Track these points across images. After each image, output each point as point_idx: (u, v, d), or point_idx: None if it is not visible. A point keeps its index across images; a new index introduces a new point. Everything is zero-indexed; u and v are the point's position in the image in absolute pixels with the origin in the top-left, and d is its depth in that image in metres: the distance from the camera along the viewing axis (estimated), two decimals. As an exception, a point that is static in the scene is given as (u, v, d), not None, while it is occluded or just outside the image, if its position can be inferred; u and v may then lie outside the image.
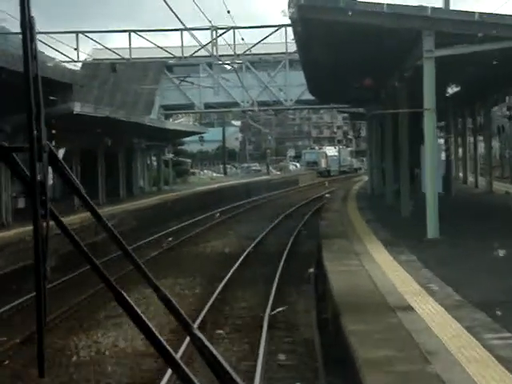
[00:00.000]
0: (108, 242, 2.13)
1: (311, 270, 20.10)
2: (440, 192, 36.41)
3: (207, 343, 1.92)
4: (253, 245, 28.45)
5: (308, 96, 46.48)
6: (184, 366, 1.88)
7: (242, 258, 24.56)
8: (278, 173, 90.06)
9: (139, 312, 1.90)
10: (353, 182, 58.03)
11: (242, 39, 44.33)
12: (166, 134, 41.74)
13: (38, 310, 1.78)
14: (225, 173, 76.56)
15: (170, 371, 10.29)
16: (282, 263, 22.99)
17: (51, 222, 1.78)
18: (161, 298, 1.94)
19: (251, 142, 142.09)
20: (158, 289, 1.94)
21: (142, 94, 46.43)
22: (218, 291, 18.49)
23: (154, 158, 49.41)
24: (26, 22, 1.70)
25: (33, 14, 1.71)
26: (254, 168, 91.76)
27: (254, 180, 65.82)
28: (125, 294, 1.89)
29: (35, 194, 1.73)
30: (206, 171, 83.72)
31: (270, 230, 34.12)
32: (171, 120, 53.22)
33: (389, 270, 14.60)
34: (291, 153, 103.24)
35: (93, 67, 48.67)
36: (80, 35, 43.11)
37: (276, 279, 19.99)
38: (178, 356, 1.91)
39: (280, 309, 16.63)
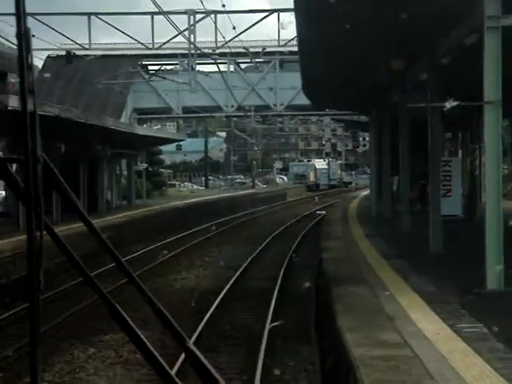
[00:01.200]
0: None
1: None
2: (457, 214, 30.91)
3: (202, 358, 1.93)
4: (233, 279, 22.61)
5: (300, 101, 40.79)
6: (177, 380, 1.90)
7: (218, 301, 18.61)
8: (264, 186, 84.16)
9: (134, 326, 1.90)
10: (347, 199, 52.14)
11: (234, 28, 38.57)
12: (136, 141, 35.75)
13: (32, 322, 1.79)
14: (206, 185, 70.50)
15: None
16: (270, 312, 17.07)
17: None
18: (155, 311, 1.95)
19: (236, 153, 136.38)
20: (153, 302, 1.95)
21: (111, 94, 40.44)
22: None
23: (124, 169, 43.46)
24: (22, 34, 1.71)
25: (28, 25, 1.68)
26: (238, 181, 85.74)
27: (237, 194, 59.93)
28: (119, 308, 1.89)
29: (30, 206, 1.75)
30: (186, 183, 77.63)
31: (255, 256, 28.24)
32: (145, 126, 47.22)
33: (457, 360, 8.70)
34: (278, 165, 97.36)
35: (55, 65, 42.69)
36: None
37: (262, 348, 13.92)
38: (173, 372, 1.91)
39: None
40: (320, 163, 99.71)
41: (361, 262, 16.99)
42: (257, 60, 41.37)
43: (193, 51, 37.56)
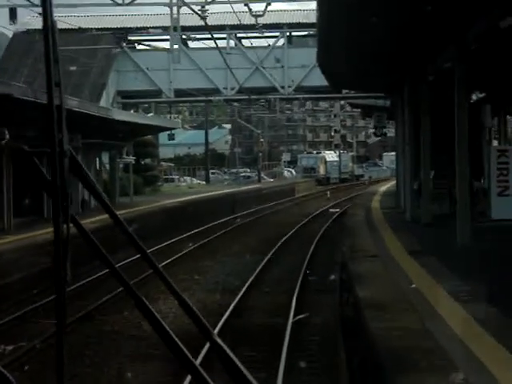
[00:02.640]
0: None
1: None
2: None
3: (228, 351, 1.89)
4: (230, 308, 16.20)
5: (312, 81, 34.18)
6: (204, 373, 1.87)
7: (200, 358, 12.05)
8: (271, 180, 77.50)
9: (159, 318, 1.88)
10: (365, 196, 45.38)
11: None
12: (115, 129, 29.17)
13: (58, 315, 1.79)
14: (207, 180, 63.75)
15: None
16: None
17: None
18: (180, 303, 1.94)
19: (242, 145, 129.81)
20: (178, 294, 1.93)
21: (89, 74, 33.80)
22: None
23: (107, 162, 36.87)
24: (49, 27, 1.70)
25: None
26: (243, 174, 79.01)
27: (241, 190, 53.31)
28: (145, 300, 1.88)
29: (56, 199, 1.75)
30: (186, 178, 70.91)
31: (258, 273, 21.74)
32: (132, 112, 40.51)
33: None
34: (286, 157, 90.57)
35: (26, 40, 36.08)
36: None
37: None
38: (197, 362, 1.90)
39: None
40: (330, 155, 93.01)
41: (426, 311, 10.36)
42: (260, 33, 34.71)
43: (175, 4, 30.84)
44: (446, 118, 27.78)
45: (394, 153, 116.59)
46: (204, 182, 66.35)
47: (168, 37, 36.00)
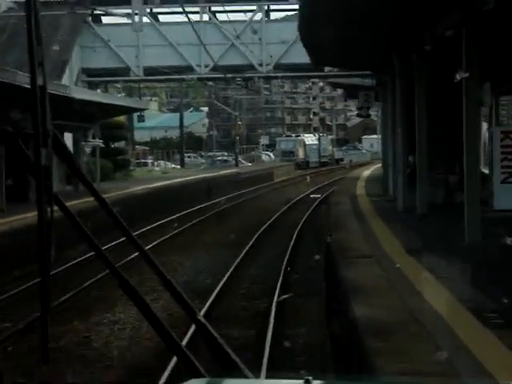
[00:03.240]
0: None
1: None
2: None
3: (212, 331, 1.95)
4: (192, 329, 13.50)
5: (292, 58, 31.47)
6: (188, 353, 1.90)
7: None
8: (249, 164, 74.71)
9: (144, 298, 1.93)
10: (348, 181, 42.72)
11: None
12: (76, 108, 26.23)
13: (42, 295, 1.79)
14: (182, 164, 60.82)
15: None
16: None
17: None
18: (165, 284, 1.97)
19: (220, 128, 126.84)
20: (163, 275, 1.94)
21: (49, 50, 30.78)
22: None
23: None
24: (31, 7, 1.70)
25: None
26: (219, 158, 76.08)
27: (217, 174, 50.50)
28: (129, 280, 1.91)
29: (40, 180, 1.73)
30: (161, 162, 67.89)
31: (233, 270, 19.02)
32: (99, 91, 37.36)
33: None
34: (264, 141, 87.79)
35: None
36: None
37: None
38: (183, 343, 1.97)
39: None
40: (309, 138, 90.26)
41: (447, 339, 7.69)
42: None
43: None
44: (443, 94, 25.18)
45: (374, 136, 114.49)
46: (179, 167, 63.38)
47: (137, 11, 33.18)
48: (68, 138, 32.42)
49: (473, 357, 7.11)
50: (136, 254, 2.16)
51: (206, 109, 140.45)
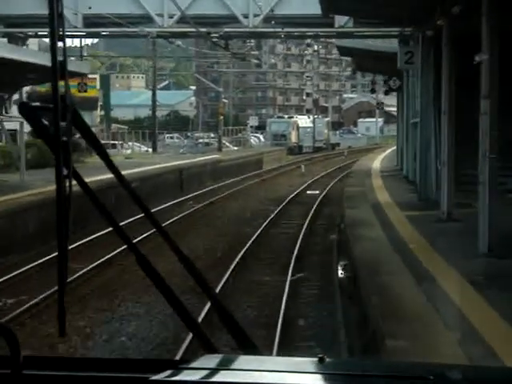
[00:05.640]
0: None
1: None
2: None
3: (226, 307, 1.92)
4: None
5: (289, 7, 21.43)
6: (203, 329, 1.92)
7: None
8: (235, 148, 64.49)
9: (160, 274, 1.87)
10: (355, 176, 32.50)
11: None
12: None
13: (60, 269, 1.75)
14: (154, 148, 50.34)
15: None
16: None
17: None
18: (181, 259, 1.92)
19: (208, 107, 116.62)
20: (179, 251, 1.92)
21: None
22: None
23: None
24: None
25: None
26: (201, 141, 65.64)
27: (193, 162, 40.22)
28: (146, 256, 1.86)
29: (59, 154, 1.70)
30: (134, 144, 57.39)
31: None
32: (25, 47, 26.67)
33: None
34: (253, 122, 77.30)
35: None
36: None
37: None
38: (198, 320, 2.88)
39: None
40: (303, 120, 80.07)
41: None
42: None
43: None
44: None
45: (370, 119, 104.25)
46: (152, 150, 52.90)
47: None
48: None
49: None
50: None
51: (194, 87, 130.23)
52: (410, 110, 26.76)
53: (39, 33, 26.80)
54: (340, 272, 13.67)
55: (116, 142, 52.43)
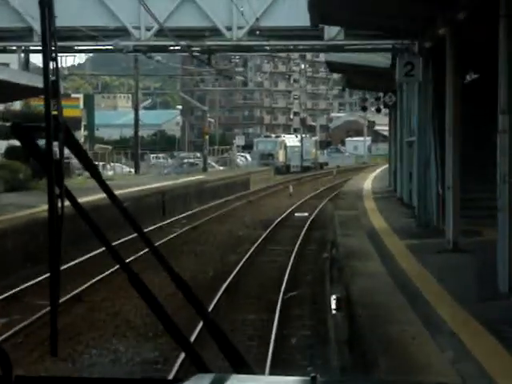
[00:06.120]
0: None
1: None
2: None
3: (221, 328, 1.89)
4: None
5: (276, 19, 19.84)
6: (195, 349, 1.91)
7: None
8: (221, 168, 62.73)
9: (153, 294, 1.85)
10: (347, 196, 30.74)
11: None
12: None
13: (52, 288, 1.72)
14: (136, 169, 48.40)
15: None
16: None
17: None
18: (175, 280, 1.88)
19: (195, 127, 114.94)
20: (173, 271, 1.87)
21: None
22: None
23: None
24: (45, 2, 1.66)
25: None
26: (186, 161, 63.79)
27: (175, 184, 38.38)
28: (139, 276, 1.84)
29: (51, 173, 1.69)
30: (121, 164, 55.52)
31: None
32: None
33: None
34: (239, 141, 75.45)
35: None
36: None
37: None
38: (191, 339, 2.84)
39: None
40: (291, 140, 78.39)
41: None
42: None
43: None
44: None
45: (358, 138, 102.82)
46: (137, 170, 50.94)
47: None
48: None
49: None
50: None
51: (180, 107, 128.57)
52: (404, 127, 25.13)
53: (8, 47, 24.95)
54: (335, 319, 11.89)
55: (96, 163, 50.41)
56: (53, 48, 1.67)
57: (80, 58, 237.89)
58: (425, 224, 17.82)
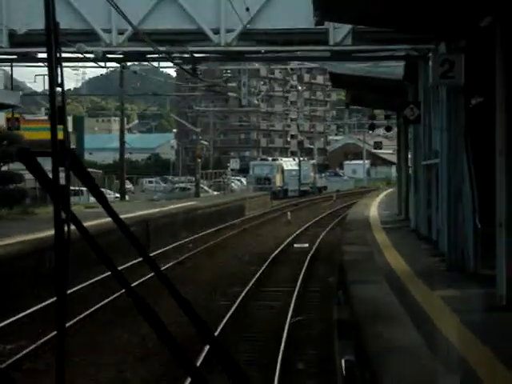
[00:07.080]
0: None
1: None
2: None
3: (228, 352, 1.82)
4: None
5: (272, 19, 16.34)
6: (202, 374, 1.82)
7: None
8: (215, 193, 59.08)
9: (159, 319, 1.80)
10: (352, 223, 27.07)
11: None
12: None
13: (58, 315, 1.70)
14: (122, 195, 44.53)
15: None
16: None
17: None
18: (181, 304, 1.84)
19: (189, 150, 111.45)
20: (179, 295, 1.83)
21: None
22: None
23: None
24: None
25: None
26: (177, 186, 60.06)
27: (164, 211, 34.71)
28: (145, 301, 1.80)
29: (57, 199, 1.69)
30: (106, 190, 51.75)
31: None
32: None
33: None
34: (234, 165, 71.84)
35: None
36: None
37: None
38: (197, 364, 3.01)
39: None
40: (288, 163, 74.91)
41: None
42: None
43: None
44: None
45: (357, 161, 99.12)
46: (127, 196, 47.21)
47: None
48: None
49: None
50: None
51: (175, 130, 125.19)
52: (419, 147, 21.54)
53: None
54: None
55: (77, 189, 46.73)
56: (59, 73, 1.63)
57: (76, 82, 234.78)
58: (456, 266, 14.18)
